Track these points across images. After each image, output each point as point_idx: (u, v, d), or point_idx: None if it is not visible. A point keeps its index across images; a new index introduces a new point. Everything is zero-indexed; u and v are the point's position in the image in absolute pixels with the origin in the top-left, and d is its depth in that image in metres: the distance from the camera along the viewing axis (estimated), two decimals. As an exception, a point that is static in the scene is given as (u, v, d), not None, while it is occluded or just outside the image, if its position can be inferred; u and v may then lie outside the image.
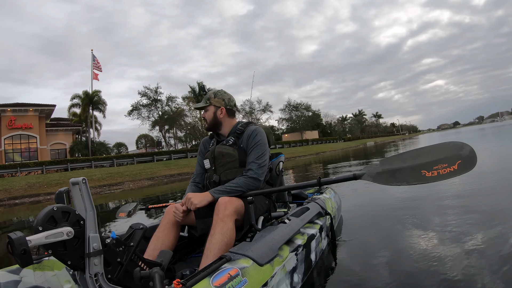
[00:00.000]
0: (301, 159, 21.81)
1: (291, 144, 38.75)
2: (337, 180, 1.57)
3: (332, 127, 64.51)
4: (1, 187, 13.88)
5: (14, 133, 25.05)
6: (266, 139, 1.76)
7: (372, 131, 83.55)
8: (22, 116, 25.26)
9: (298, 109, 50.13)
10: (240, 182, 1.61)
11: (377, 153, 17.03)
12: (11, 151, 25.08)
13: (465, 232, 2.13)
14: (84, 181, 1.06)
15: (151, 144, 39.80)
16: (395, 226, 2.57)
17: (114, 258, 1.11)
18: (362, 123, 78.15)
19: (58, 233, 0.94)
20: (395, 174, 1.36)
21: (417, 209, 3.01)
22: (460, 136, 24.83)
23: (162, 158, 24.81)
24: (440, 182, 1.28)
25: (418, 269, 1.68)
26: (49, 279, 1.39)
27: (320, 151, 30.47)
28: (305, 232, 1.75)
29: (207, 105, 1.81)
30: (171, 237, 1.57)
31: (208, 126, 1.85)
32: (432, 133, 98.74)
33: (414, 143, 22.38)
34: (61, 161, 21.61)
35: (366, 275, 1.70)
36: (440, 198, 3.38)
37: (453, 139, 20.17)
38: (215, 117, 1.81)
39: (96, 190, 13.47)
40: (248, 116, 41.98)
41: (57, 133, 28.21)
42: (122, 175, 16.69)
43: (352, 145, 40.79)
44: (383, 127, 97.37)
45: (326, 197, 2.46)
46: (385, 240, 2.26)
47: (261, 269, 1.22)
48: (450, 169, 1.24)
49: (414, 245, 2.05)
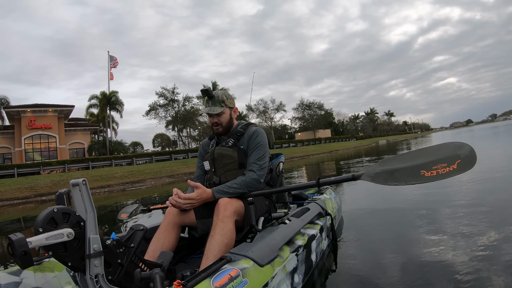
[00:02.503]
0: (314, 158, 22.14)
1: (304, 142, 39.06)
2: (336, 180, 1.57)
3: (344, 126, 64.46)
4: (27, 185, 14.39)
5: (34, 133, 25.91)
6: (266, 140, 1.76)
7: (384, 129, 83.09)
8: (42, 116, 26.14)
9: (311, 108, 50.54)
10: (241, 183, 1.61)
11: (389, 151, 17.18)
12: (31, 151, 25.88)
13: (466, 233, 2.14)
14: (84, 182, 1.06)
15: (166, 144, 40.59)
16: (396, 227, 2.58)
17: (114, 259, 1.11)
18: (374, 121, 77.70)
19: (59, 234, 0.94)
20: (394, 174, 1.36)
21: (418, 210, 3.01)
22: (472, 134, 24.76)
23: (179, 157, 25.22)
24: (440, 182, 1.28)
25: (419, 270, 1.68)
26: (50, 280, 1.38)
27: (333, 150, 30.56)
28: (306, 233, 1.75)
29: (223, 108, 1.72)
30: (171, 238, 1.56)
31: (222, 130, 1.76)
32: (444, 131, 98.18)
33: (426, 142, 22.28)
34: (82, 159, 22.26)
35: (367, 276, 1.70)
36: (440, 198, 3.39)
37: (466, 137, 20.33)
38: (231, 119, 1.78)
39: (120, 187, 14.24)
40: (262, 116, 42.88)
41: (75, 132, 29.11)
42: (143, 173, 17.10)
43: (364, 143, 40.74)
44: (395, 126, 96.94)
45: (326, 198, 2.46)
46: (386, 240, 2.27)
47: (262, 270, 1.22)
48: (450, 168, 1.24)
49: (415, 245, 2.06)
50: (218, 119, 1.74)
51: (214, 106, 1.72)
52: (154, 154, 25.54)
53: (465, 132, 34.60)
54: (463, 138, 19.24)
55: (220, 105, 1.72)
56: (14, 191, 13.56)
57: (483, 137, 16.42)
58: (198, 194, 1.52)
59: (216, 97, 1.73)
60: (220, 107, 1.72)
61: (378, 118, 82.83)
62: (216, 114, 1.72)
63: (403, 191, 3.85)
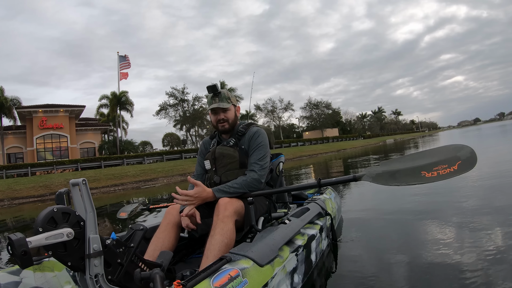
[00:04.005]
0: (322, 156, 22.33)
1: (312, 141, 39.26)
2: (337, 181, 1.57)
3: (351, 125, 64.50)
4: (42, 183, 14.69)
5: (45, 132, 26.53)
6: (267, 140, 1.77)
7: (392, 128, 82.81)
8: (53, 116, 26.74)
9: (319, 107, 50.85)
10: (242, 183, 1.61)
11: (396, 149, 17.23)
12: (43, 150, 26.48)
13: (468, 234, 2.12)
14: (84, 182, 1.06)
15: (176, 143, 41.24)
16: (396, 227, 2.57)
17: (114, 259, 1.10)
18: (381, 120, 77.42)
19: (58, 234, 0.94)
20: (395, 175, 1.37)
21: (418, 210, 3.00)
22: (480, 133, 24.65)
23: (189, 156, 25.45)
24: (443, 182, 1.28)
25: (419, 270, 1.67)
26: (49, 280, 1.39)
27: (341, 149, 30.59)
28: (306, 233, 1.75)
29: (230, 105, 1.74)
30: (171, 238, 1.57)
31: (229, 127, 1.77)
32: (452, 130, 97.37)
33: (434, 140, 22.17)
34: (95, 158, 22.57)
35: (367, 276, 1.70)
36: (440, 199, 3.37)
37: (474, 135, 20.39)
38: (235, 117, 1.79)
39: (133, 186, 14.53)
40: (270, 115, 43.30)
41: (86, 132, 29.74)
42: (155, 172, 17.29)
43: (371, 142, 40.75)
44: (402, 125, 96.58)
45: (326, 198, 2.46)
46: (386, 240, 2.26)
47: (262, 270, 1.22)
48: (450, 169, 1.25)
49: (415, 245, 2.05)
50: (225, 115, 1.75)
51: (221, 102, 1.73)
52: (164, 153, 25.84)
53: (473, 131, 34.54)
54: (471, 136, 19.32)
55: (227, 102, 1.74)
56: (30, 189, 13.81)
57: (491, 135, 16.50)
58: (196, 192, 1.52)
59: (222, 94, 1.74)
60: (227, 103, 1.73)
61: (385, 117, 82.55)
62: (224, 109, 1.73)
63: (404, 191, 3.83)
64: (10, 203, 12.19)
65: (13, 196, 12.92)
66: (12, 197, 12.83)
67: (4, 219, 7.66)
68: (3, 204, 12.11)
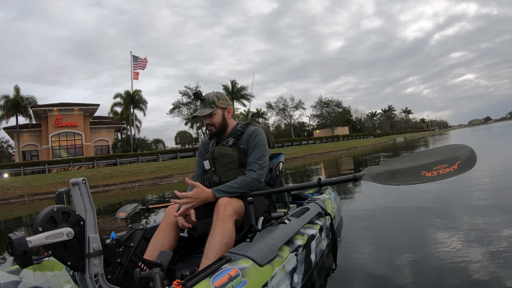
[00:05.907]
0: (333, 154, 22.49)
1: (323, 140, 39.37)
2: (337, 181, 1.57)
3: (361, 123, 64.26)
4: (60, 180, 15.07)
5: (60, 131, 27.00)
6: (266, 139, 1.77)
7: (402, 127, 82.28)
8: (68, 115, 27.20)
9: (329, 106, 50.94)
10: (242, 183, 1.61)
11: (406, 148, 17.29)
12: (58, 148, 27.02)
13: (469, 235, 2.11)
14: (84, 181, 1.06)
15: (188, 141, 42.05)
16: (397, 227, 2.56)
17: (114, 259, 1.11)
18: (391, 119, 76.94)
19: (58, 233, 0.94)
20: (395, 175, 1.37)
21: (418, 210, 2.99)
22: (491, 131, 24.58)
23: None
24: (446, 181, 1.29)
25: (419, 271, 1.67)
26: (49, 279, 1.39)
27: (351, 147, 30.53)
28: (305, 233, 1.75)
29: (214, 109, 1.75)
30: (171, 237, 1.57)
31: (216, 131, 1.78)
32: (463, 129, 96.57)
33: (444, 139, 22.11)
34: (110, 156, 22.99)
35: (366, 276, 1.70)
36: (440, 199, 3.35)
37: (484, 134, 20.35)
38: (224, 119, 1.79)
39: (150, 182, 14.72)
40: (282, 113, 43.51)
41: (100, 130, 30.12)
42: (170, 169, 17.51)
43: (382, 140, 40.75)
44: (412, 123, 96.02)
45: (326, 198, 2.45)
46: (385, 241, 2.26)
47: (261, 270, 1.22)
48: (450, 169, 1.25)
49: (415, 246, 2.04)
50: (211, 120, 1.77)
51: (204, 108, 1.76)
52: (178, 150, 26.19)
53: (483, 130, 34.39)
54: (482, 135, 19.33)
55: (210, 107, 1.75)
56: (48, 185, 14.11)
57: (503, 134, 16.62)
58: (196, 193, 1.53)
59: (206, 99, 1.77)
60: (210, 108, 1.74)
61: (395, 116, 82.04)
62: (208, 115, 1.75)
63: (404, 192, 3.82)
64: (31, 199, 12.57)
65: (32, 192, 13.31)
66: (32, 193, 13.22)
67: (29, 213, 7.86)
68: (24, 200, 12.53)
